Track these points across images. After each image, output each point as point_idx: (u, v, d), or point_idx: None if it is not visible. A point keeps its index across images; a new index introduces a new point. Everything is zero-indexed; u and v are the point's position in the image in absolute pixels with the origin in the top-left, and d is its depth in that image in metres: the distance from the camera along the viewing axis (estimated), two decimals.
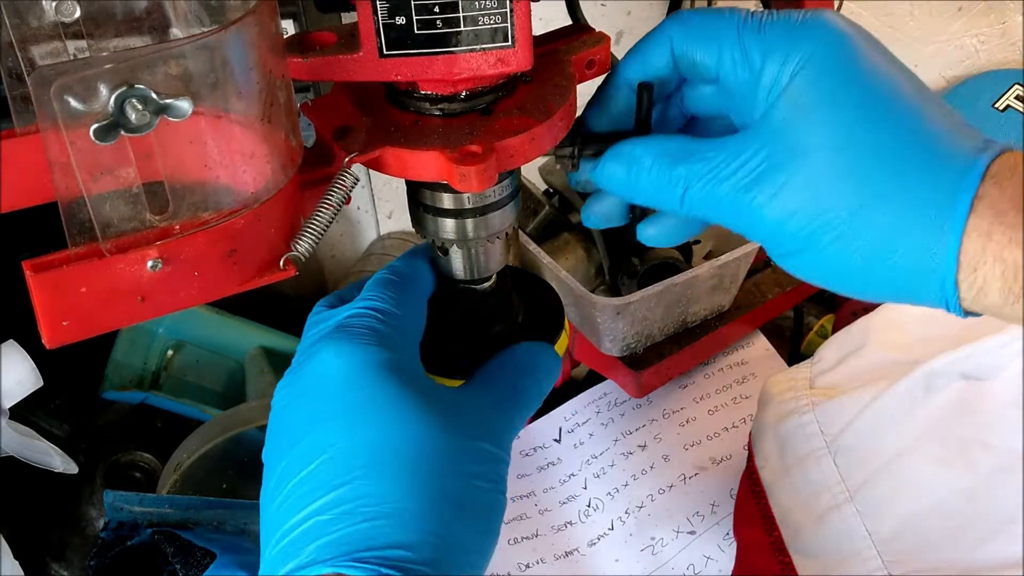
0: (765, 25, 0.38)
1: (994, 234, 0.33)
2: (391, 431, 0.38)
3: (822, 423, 0.62)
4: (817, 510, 0.60)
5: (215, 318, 0.94)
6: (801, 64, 0.36)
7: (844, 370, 0.65)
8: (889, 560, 0.56)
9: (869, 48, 0.37)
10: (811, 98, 0.36)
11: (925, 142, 0.35)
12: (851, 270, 0.37)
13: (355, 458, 0.38)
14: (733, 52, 0.39)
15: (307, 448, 0.39)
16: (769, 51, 0.37)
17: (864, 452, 0.59)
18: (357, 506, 0.37)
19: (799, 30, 0.37)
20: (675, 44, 0.41)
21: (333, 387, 0.39)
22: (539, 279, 0.53)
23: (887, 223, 0.35)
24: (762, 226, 0.38)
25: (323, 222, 0.39)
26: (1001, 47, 1.08)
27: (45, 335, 0.35)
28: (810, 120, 0.36)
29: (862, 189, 0.35)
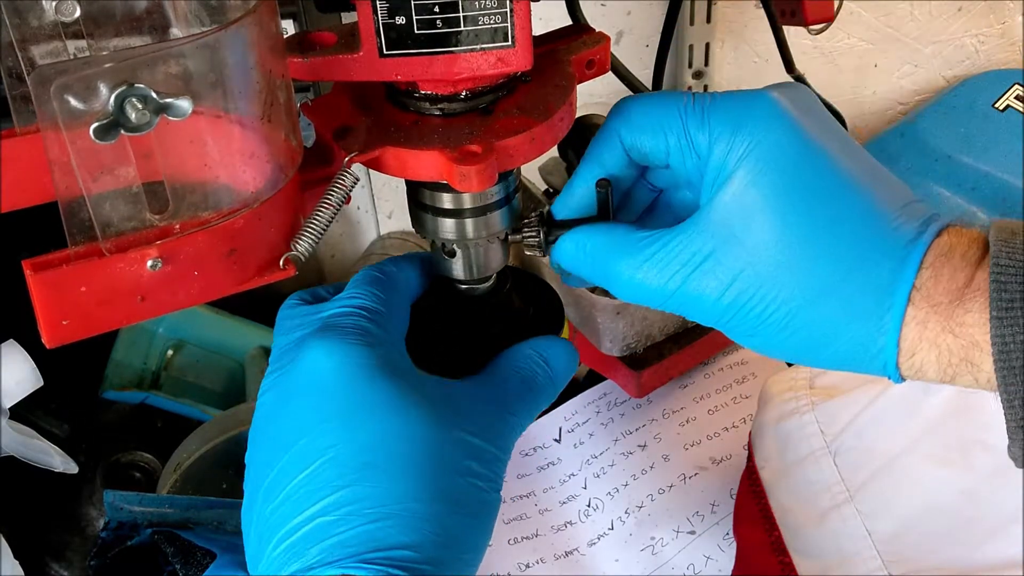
0: (709, 112, 0.39)
1: (929, 323, 0.36)
2: (389, 431, 0.38)
3: (822, 423, 0.62)
4: (817, 510, 0.60)
5: (215, 318, 0.94)
6: (745, 154, 0.37)
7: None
8: (889, 560, 0.56)
9: (812, 127, 0.38)
10: (755, 194, 0.37)
11: (866, 233, 0.36)
12: (799, 352, 0.39)
13: (355, 459, 0.38)
14: (680, 141, 0.40)
15: (305, 449, 0.39)
16: (714, 139, 0.38)
17: (864, 452, 0.59)
18: (360, 507, 0.37)
19: (742, 117, 0.38)
20: (623, 139, 0.42)
21: (327, 388, 0.39)
22: (539, 279, 0.53)
23: (830, 316, 0.37)
24: (712, 315, 0.39)
25: (323, 222, 0.39)
26: (1001, 47, 1.09)
27: (45, 335, 0.35)
28: (754, 216, 0.37)
29: (805, 285, 0.37)
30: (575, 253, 0.43)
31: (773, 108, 0.38)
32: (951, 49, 1.08)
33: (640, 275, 0.40)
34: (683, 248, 0.39)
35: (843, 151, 0.38)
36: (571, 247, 0.43)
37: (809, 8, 0.85)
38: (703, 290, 0.38)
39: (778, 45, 0.86)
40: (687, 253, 0.38)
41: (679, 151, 0.40)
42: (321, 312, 0.42)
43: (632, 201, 0.46)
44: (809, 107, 0.39)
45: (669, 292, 0.39)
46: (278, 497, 0.39)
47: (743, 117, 0.38)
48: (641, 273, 0.40)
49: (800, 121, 0.38)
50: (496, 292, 0.49)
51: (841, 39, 1.06)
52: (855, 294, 0.36)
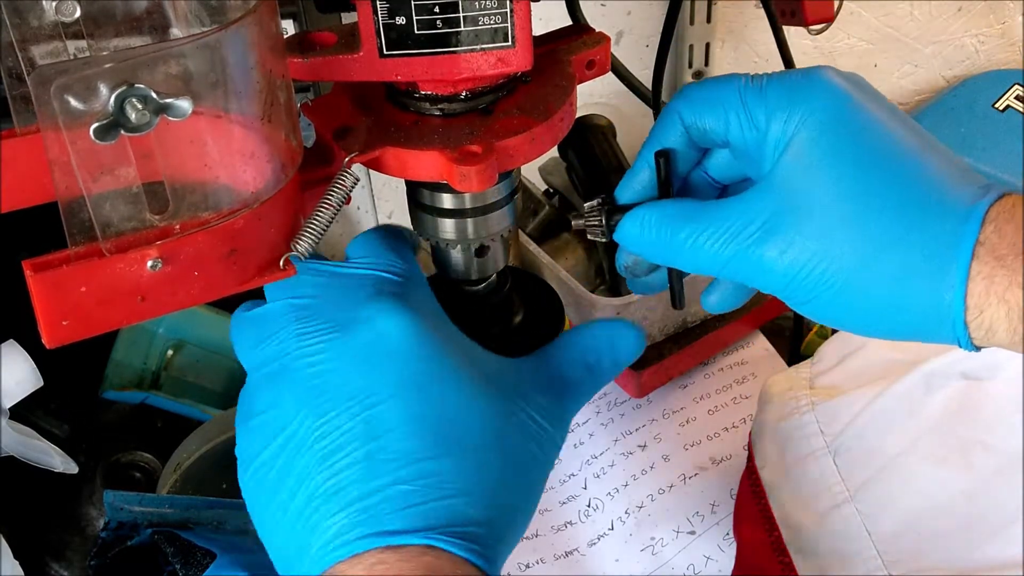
0: (766, 88, 0.40)
1: (996, 277, 0.35)
2: (466, 406, 0.39)
3: (822, 423, 0.62)
4: (817, 510, 0.60)
5: (215, 318, 0.94)
6: (803, 121, 0.38)
7: (844, 370, 0.65)
8: (889, 560, 0.56)
9: (867, 101, 0.39)
10: (813, 155, 0.38)
11: (926, 191, 0.36)
12: (863, 315, 0.38)
13: (435, 431, 0.38)
14: (739, 116, 0.40)
15: (379, 416, 0.38)
16: (772, 112, 0.39)
17: (864, 452, 0.59)
18: (440, 481, 0.38)
19: (799, 90, 0.39)
20: (684, 117, 0.42)
21: (402, 356, 0.39)
22: (539, 279, 0.53)
23: (894, 272, 0.36)
24: (772, 279, 0.39)
25: (323, 222, 0.39)
26: (1001, 47, 1.09)
27: (45, 335, 0.35)
28: (813, 176, 0.38)
29: (867, 241, 0.37)
30: (638, 231, 0.43)
31: (828, 81, 0.39)
32: (951, 49, 1.08)
33: (703, 241, 0.40)
34: (744, 212, 0.39)
35: (899, 122, 0.38)
36: (634, 225, 0.43)
37: (809, 8, 0.85)
38: (764, 254, 0.38)
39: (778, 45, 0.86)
40: (748, 216, 0.39)
41: (739, 126, 0.40)
42: (357, 271, 0.42)
43: (693, 193, 0.46)
44: (862, 85, 0.40)
45: (728, 258, 0.39)
46: (339, 462, 0.38)
47: (800, 89, 0.39)
48: (704, 239, 0.40)
49: (855, 94, 0.38)
50: (496, 292, 0.49)
51: (841, 39, 1.06)
52: (915, 251, 0.36)
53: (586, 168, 0.89)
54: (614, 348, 0.45)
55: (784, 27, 0.87)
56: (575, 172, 0.91)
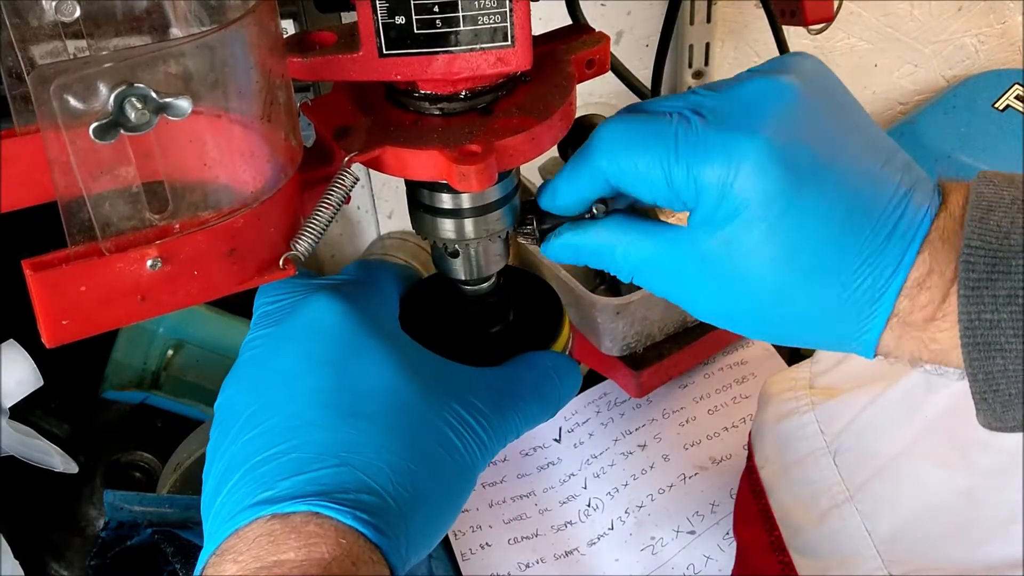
0: (694, 161, 0.38)
1: (904, 338, 0.39)
2: (381, 385, 0.40)
3: (822, 423, 0.62)
4: (817, 510, 0.60)
5: (215, 318, 0.94)
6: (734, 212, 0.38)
7: (844, 370, 0.65)
8: (889, 560, 0.56)
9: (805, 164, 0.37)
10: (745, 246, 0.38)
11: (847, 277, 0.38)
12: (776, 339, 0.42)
13: (343, 405, 0.39)
14: (665, 193, 0.40)
15: (295, 389, 0.40)
16: (701, 192, 0.38)
17: (864, 452, 0.59)
18: (337, 450, 0.38)
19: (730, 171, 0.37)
20: (609, 179, 0.41)
21: (327, 335, 0.41)
22: (539, 279, 0.53)
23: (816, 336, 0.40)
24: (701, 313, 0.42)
25: (323, 221, 0.39)
26: (1001, 47, 1.09)
27: (45, 334, 0.35)
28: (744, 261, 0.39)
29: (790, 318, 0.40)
30: (567, 254, 0.45)
31: (761, 165, 0.37)
32: (951, 49, 1.08)
33: (637, 277, 0.43)
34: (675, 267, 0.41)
35: (838, 177, 0.38)
36: (563, 250, 0.44)
37: (809, 8, 0.85)
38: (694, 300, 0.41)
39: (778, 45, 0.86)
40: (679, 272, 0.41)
41: (665, 199, 0.40)
42: (316, 280, 0.44)
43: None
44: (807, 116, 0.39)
45: (663, 292, 0.42)
46: (254, 431, 0.39)
47: (730, 173, 0.38)
48: (638, 274, 0.42)
49: (791, 166, 0.37)
50: (496, 292, 0.49)
51: (841, 39, 1.06)
52: (837, 324, 0.39)
53: None
54: (561, 383, 0.46)
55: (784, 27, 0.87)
56: None
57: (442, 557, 0.77)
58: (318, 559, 0.35)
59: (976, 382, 0.37)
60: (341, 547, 0.36)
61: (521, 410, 0.44)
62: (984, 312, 0.36)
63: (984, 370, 0.37)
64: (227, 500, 0.38)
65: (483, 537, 0.79)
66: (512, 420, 0.43)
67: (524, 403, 0.44)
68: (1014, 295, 0.36)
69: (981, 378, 0.37)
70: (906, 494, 0.56)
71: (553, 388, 0.46)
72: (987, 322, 0.36)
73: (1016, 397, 0.37)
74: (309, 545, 0.36)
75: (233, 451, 0.40)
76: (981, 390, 0.37)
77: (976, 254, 0.36)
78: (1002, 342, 0.36)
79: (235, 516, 0.37)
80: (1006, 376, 0.36)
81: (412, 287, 0.51)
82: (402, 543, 0.38)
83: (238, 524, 0.37)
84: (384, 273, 0.48)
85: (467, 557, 0.78)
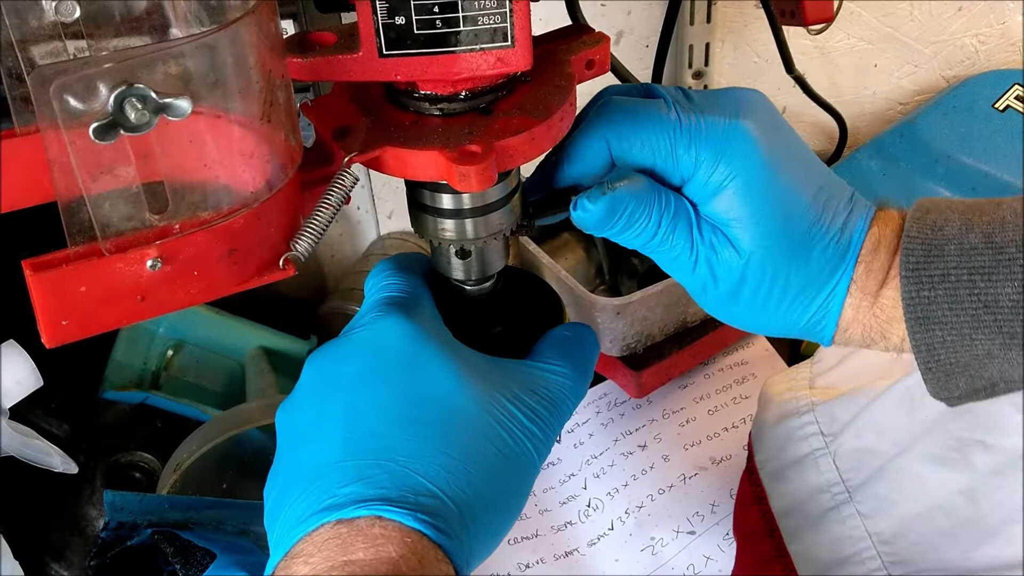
0: (695, 138, 0.43)
1: (861, 307, 0.44)
2: (437, 393, 0.41)
3: (822, 423, 0.62)
4: (817, 510, 0.60)
5: (215, 318, 0.94)
6: (725, 180, 0.43)
7: (844, 370, 0.65)
8: (889, 560, 0.56)
9: (776, 151, 0.44)
10: (732, 216, 0.43)
11: (816, 250, 0.44)
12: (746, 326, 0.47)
13: (402, 413, 0.40)
14: (667, 161, 0.44)
15: (356, 400, 0.41)
16: (699, 163, 0.43)
17: (864, 452, 0.59)
18: (396, 456, 0.39)
19: (724, 147, 0.43)
20: (612, 147, 0.44)
21: (387, 348, 0.42)
22: (539, 279, 0.53)
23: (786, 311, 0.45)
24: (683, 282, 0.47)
25: (323, 222, 0.39)
26: (1001, 47, 1.09)
27: (45, 335, 0.35)
28: (728, 232, 0.44)
29: (766, 289, 0.44)
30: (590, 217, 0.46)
31: (749, 142, 0.43)
32: (951, 49, 1.08)
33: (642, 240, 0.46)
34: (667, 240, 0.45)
35: (798, 168, 0.44)
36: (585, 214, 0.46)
37: (809, 8, 0.85)
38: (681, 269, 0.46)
39: (778, 45, 0.87)
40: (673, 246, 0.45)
41: (664, 168, 0.44)
42: (369, 297, 0.46)
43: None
44: (771, 123, 0.45)
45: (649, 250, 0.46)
46: (315, 443, 0.40)
47: (724, 148, 0.43)
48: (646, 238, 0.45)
49: (767, 150, 0.43)
50: (496, 292, 0.49)
51: (841, 39, 1.06)
52: (807, 298, 0.44)
53: None
54: (585, 347, 0.47)
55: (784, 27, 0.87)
56: None
57: None
58: (387, 558, 0.36)
59: (920, 353, 0.42)
60: (407, 546, 0.37)
61: (567, 389, 0.45)
62: (923, 290, 0.41)
63: (926, 342, 0.42)
64: (293, 509, 0.39)
65: None
66: (562, 402, 0.44)
67: (568, 381, 0.45)
68: (947, 274, 0.41)
69: (924, 350, 0.42)
70: (906, 494, 0.56)
71: (584, 354, 0.46)
72: (925, 299, 0.41)
73: (955, 366, 0.42)
74: (377, 546, 0.37)
75: (296, 463, 0.41)
76: (925, 360, 0.42)
77: (914, 243, 0.42)
78: (939, 316, 0.41)
79: (302, 523, 0.38)
80: (944, 347, 0.41)
81: None
82: (464, 543, 0.39)
83: (305, 530, 0.38)
84: (416, 275, 0.48)
85: None
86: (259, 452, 0.82)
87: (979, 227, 0.41)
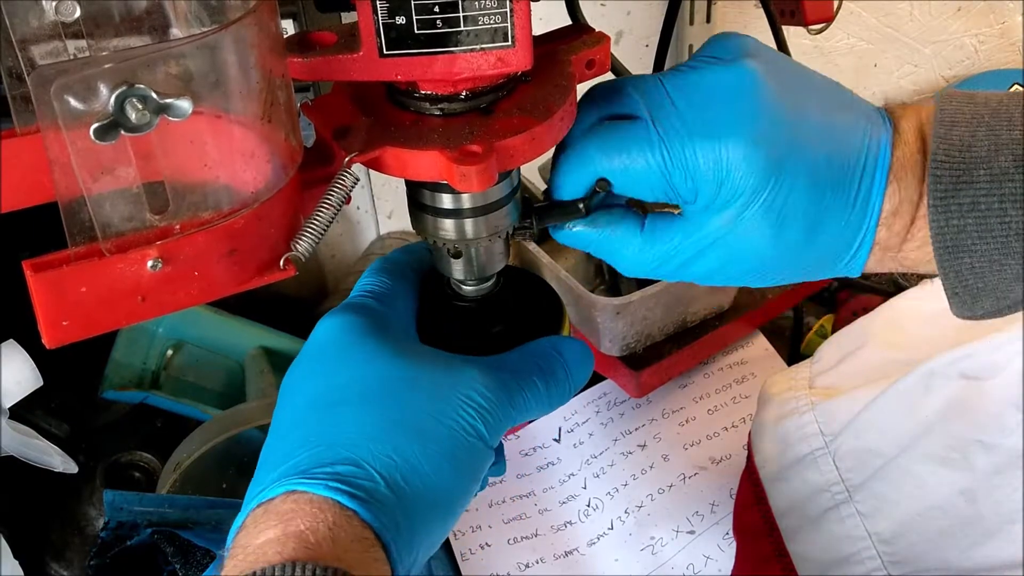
0: (689, 170, 0.42)
1: (884, 259, 0.44)
2: (361, 374, 0.42)
3: (822, 423, 0.62)
4: (817, 510, 0.60)
5: (215, 318, 0.94)
6: (733, 196, 0.42)
7: (844, 370, 0.65)
8: (889, 560, 0.56)
9: (783, 138, 0.41)
10: (747, 221, 0.42)
11: (836, 228, 0.43)
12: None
13: (326, 398, 0.41)
14: (666, 192, 0.43)
15: (292, 396, 0.43)
16: (698, 193, 0.42)
17: (864, 452, 0.59)
18: (320, 437, 0.40)
19: (721, 172, 0.41)
20: (600, 171, 0.44)
21: (320, 345, 0.44)
22: (539, 279, 0.53)
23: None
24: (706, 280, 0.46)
25: (323, 222, 0.39)
26: (1001, 47, 1.09)
27: (45, 335, 0.35)
28: (746, 236, 0.42)
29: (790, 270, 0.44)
30: (571, 243, 0.47)
31: (750, 158, 0.41)
32: (951, 49, 1.08)
33: (640, 266, 0.46)
34: (679, 247, 0.44)
35: (813, 146, 0.42)
36: (566, 240, 0.47)
37: (809, 8, 0.85)
38: (695, 274, 0.45)
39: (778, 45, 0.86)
40: (682, 250, 0.44)
41: (665, 197, 0.44)
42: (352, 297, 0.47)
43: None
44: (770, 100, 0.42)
45: (666, 274, 0.46)
46: (265, 443, 0.42)
47: (724, 178, 0.41)
48: (641, 264, 0.46)
49: (772, 154, 0.41)
50: (496, 292, 0.49)
51: (841, 39, 1.06)
52: (831, 263, 0.44)
53: None
54: (559, 350, 0.46)
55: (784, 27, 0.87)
56: None
57: (442, 557, 0.77)
58: (294, 532, 0.36)
59: (948, 280, 0.42)
60: (315, 517, 0.36)
61: (526, 387, 0.44)
62: (951, 219, 0.41)
63: (954, 269, 0.41)
64: (243, 507, 0.40)
65: (483, 537, 0.79)
66: (518, 397, 0.43)
67: (527, 381, 0.44)
68: (976, 202, 0.40)
69: (952, 276, 0.42)
70: (906, 494, 0.56)
71: (557, 363, 0.46)
72: (954, 227, 0.41)
73: (983, 290, 0.42)
74: (285, 522, 0.36)
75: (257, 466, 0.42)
76: (952, 286, 0.42)
77: (941, 168, 0.41)
78: (968, 244, 0.41)
79: (238, 521, 0.39)
80: (973, 273, 0.41)
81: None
82: (395, 512, 0.38)
83: (236, 525, 0.39)
84: (409, 263, 0.49)
85: (467, 557, 0.78)
86: (259, 452, 0.82)
87: (1008, 148, 0.40)
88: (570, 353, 0.46)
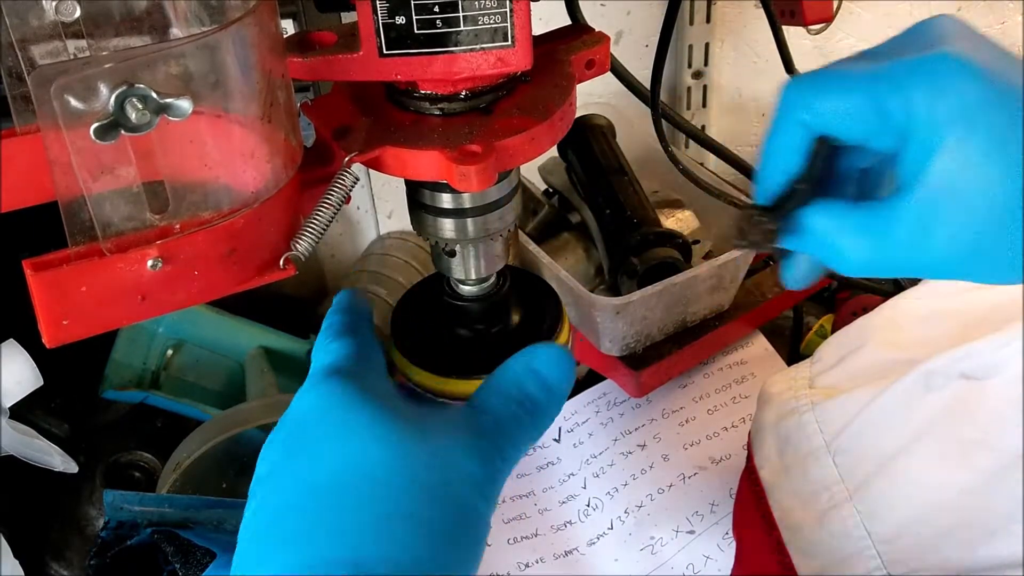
0: (905, 90, 0.39)
1: None
2: (348, 459, 0.38)
3: (822, 423, 0.62)
4: (817, 510, 0.60)
5: (215, 318, 0.94)
6: (949, 122, 0.38)
7: (844, 370, 0.65)
8: (889, 560, 0.56)
9: (998, 79, 0.38)
10: (969, 154, 0.38)
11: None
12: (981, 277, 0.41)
13: (313, 486, 0.38)
14: (876, 126, 0.40)
15: (278, 480, 0.39)
16: (912, 115, 0.38)
17: (864, 452, 0.59)
18: (309, 528, 0.37)
19: (938, 89, 0.38)
20: (811, 128, 0.41)
21: (302, 424, 0.41)
22: (539, 279, 0.53)
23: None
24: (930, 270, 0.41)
25: (323, 222, 0.39)
26: None
27: (45, 335, 0.35)
28: (973, 173, 0.38)
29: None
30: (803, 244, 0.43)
31: (966, 77, 0.38)
32: None
33: (871, 254, 0.41)
34: (911, 216, 0.39)
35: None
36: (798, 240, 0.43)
37: (808, 8, 0.85)
38: (931, 250, 0.40)
39: (777, 45, 0.86)
40: (914, 222, 0.39)
41: (876, 135, 0.40)
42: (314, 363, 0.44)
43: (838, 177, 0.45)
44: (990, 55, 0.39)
45: (900, 262, 0.41)
46: (249, 529, 0.39)
47: (940, 90, 0.38)
48: (872, 252, 0.41)
49: (990, 79, 0.38)
50: (496, 292, 0.49)
51: (841, 39, 1.06)
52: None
53: (585, 168, 0.89)
54: (534, 369, 0.43)
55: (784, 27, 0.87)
56: (574, 172, 0.91)
57: None
58: None
59: None
60: None
61: (513, 432, 0.41)
62: None
63: None
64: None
65: None
66: (509, 450, 0.41)
67: (513, 425, 0.42)
68: None
69: None
70: (906, 494, 0.56)
71: (535, 386, 0.42)
72: None
73: None
74: None
75: (240, 549, 0.39)
76: None
77: None
78: None
79: None
80: None
81: (412, 288, 0.51)
82: None
83: None
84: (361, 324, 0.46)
85: None
86: (259, 452, 0.82)
87: None
88: (547, 367, 0.42)
